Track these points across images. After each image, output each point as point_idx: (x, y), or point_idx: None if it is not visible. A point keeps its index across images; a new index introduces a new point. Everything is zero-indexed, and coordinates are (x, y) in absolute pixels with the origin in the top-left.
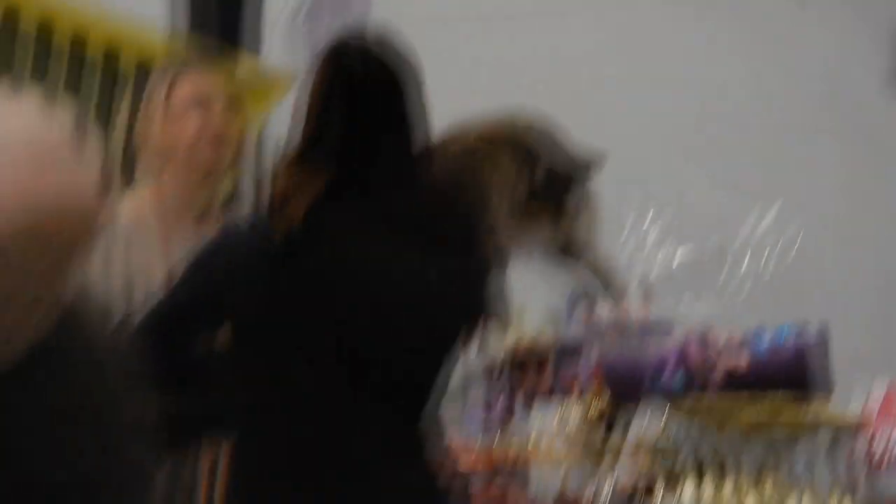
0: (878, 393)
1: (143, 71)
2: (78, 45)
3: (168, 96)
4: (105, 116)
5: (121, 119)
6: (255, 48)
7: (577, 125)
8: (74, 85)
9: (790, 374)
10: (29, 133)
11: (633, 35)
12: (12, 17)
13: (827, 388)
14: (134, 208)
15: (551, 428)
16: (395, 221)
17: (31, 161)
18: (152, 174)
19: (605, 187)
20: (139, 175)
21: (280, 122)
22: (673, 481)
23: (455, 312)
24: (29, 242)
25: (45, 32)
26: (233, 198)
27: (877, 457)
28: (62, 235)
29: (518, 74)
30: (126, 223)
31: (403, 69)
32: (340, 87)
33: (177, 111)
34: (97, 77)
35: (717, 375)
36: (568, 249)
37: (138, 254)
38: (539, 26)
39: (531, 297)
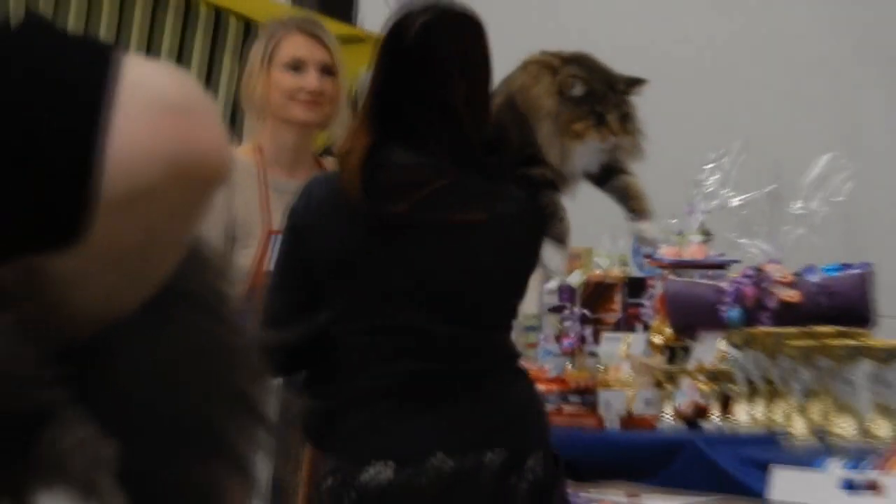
0: None
1: (248, 34)
2: (189, 8)
3: (267, 58)
4: (211, 74)
5: (226, 78)
6: (351, 15)
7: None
8: (184, 45)
9: (837, 308)
10: (175, 88)
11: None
12: None
13: (871, 321)
14: (237, 158)
15: (619, 355)
16: (449, 172)
17: (180, 111)
18: (253, 128)
19: (672, 138)
20: (244, 128)
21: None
22: (729, 404)
23: (516, 252)
24: (178, 185)
25: None
26: (329, 151)
27: None
28: (204, 180)
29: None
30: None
31: (457, 41)
32: (392, 58)
33: (275, 72)
34: (207, 38)
35: (770, 308)
36: (614, 164)
37: (239, 199)
38: None
39: (601, 237)
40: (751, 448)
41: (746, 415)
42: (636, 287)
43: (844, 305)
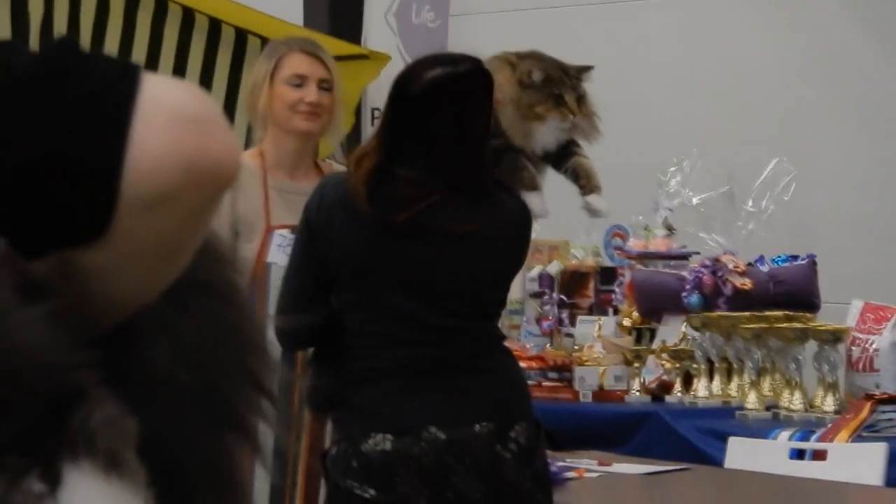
0: (856, 310)
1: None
2: (214, 27)
3: (272, 73)
4: (234, 88)
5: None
6: (358, 36)
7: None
8: (210, 61)
9: (785, 294)
10: (193, 103)
11: (683, 18)
12: (161, 1)
13: (816, 306)
14: (243, 162)
15: (592, 336)
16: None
17: (197, 123)
18: (258, 137)
19: (640, 145)
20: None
21: (375, 94)
22: (690, 380)
23: (503, 256)
24: (195, 188)
25: (189, 17)
26: (332, 157)
27: (854, 361)
28: (217, 184)
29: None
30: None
31: (458, 98)
32: (400, 103)
33: (278, 86)
34: (229, 55)
35: (726, 295)
36: (570, 145)
37: (242, 199)
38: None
39: (577, 231)
40: (709, 420)
41: (705, 390)
42: (608, 275)
43: (792, 292)
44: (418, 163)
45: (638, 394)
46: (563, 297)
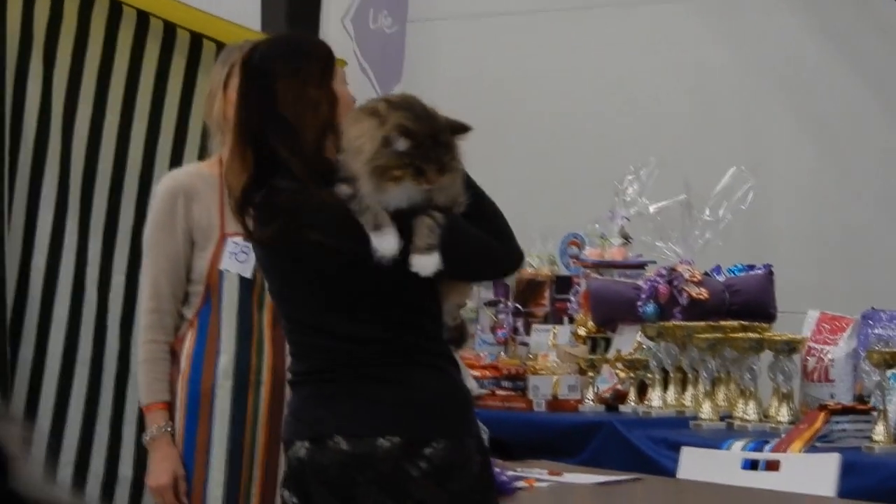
0: (812, 320)
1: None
2: (169, 31)
3: (226, 80)
4: (189, 94)
5: (201, 98)
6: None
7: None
8: (165, 65)
9: (741, 304)
10: None
11: (642, 27)
12: (115, 4)
13: (771, 316)
14: (200, 171)
15: (547, 345)
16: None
17: None
18: (216, 143)
19: (597, 153)
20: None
21: None
22: (644, 390)
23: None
24: None
25: (143, 21)
26: None
27: (809, 371)
28: None
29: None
30: (190, 181)
31: (273, 71)
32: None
33: (231, 93)
34: (184, 60)
35: (681, 304)
36: (426, 204)
37: (198, 208)
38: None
39: (534, 240)
40: (663, 430)
41: (659, 399)
42: (563, 284)
43: (748, 302)
44: (282, 169)
45: (592, 403)
46: (518, 305)
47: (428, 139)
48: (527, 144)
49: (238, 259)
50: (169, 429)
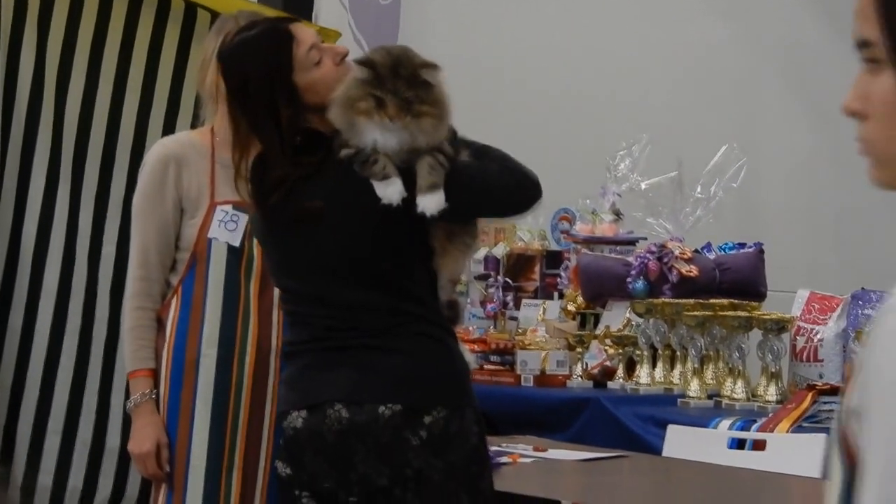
0: (802, 300)
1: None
2: (164, 1)
3: (218, 50)
4: (183, 63)
5: (196, 68)
6: (308, 11)
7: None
8: (159, 35)
9: (731, 282)
10: None
11: (636, 4)
12: None
13: (761, 295)
14: (191, 140)
15: (536, 320)
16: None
17: None
18: (209, 112)
19: (589, 129)
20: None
21: None
22: (633, 366)
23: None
24: None
25: None
26: None
27: (798, 350)
28: None
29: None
30: (181, 149)
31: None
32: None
33: None
34: (178, 29)
35: (671, 281)
36: (414, 145)
37: (188, 175)
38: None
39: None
40: (650, 407)
41: (647, 376)
42: (553, 259)
43: (738, 280)
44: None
45: (580, 379)
46: (508, 279)
47: (386, 69)
48: (520, 119)
49: (227, 228)
50: (153, 396)
